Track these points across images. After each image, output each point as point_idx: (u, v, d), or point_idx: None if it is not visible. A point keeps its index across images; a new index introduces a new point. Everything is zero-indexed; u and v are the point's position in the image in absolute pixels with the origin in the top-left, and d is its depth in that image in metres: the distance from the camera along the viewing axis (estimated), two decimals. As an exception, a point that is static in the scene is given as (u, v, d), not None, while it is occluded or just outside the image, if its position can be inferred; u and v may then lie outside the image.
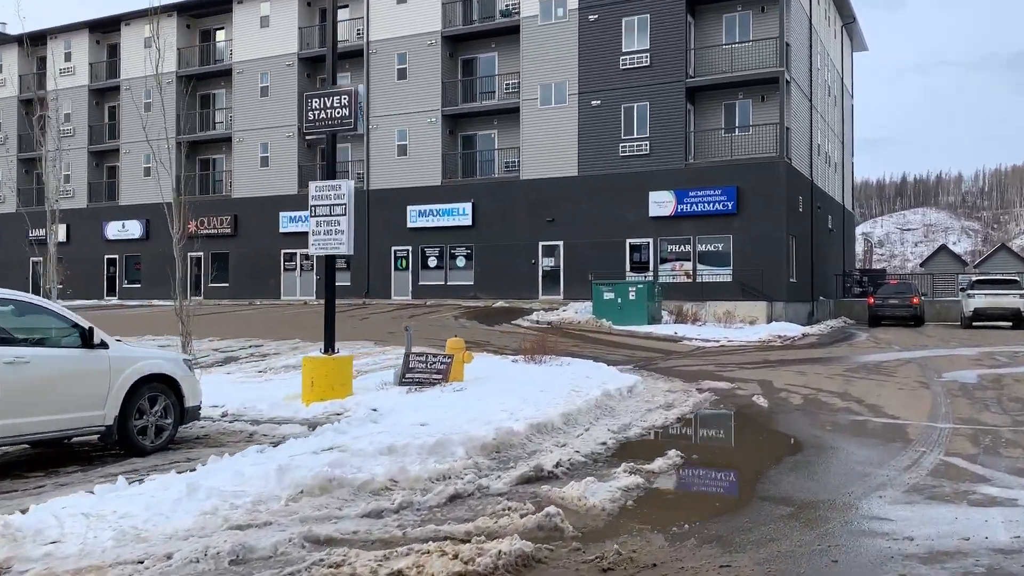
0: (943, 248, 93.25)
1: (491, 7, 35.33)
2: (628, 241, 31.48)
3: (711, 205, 30.04)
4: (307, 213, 34.88)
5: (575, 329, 24.69)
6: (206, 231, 39.81)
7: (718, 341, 22.66)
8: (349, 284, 36.65)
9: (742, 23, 31.13)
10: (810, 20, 34.02)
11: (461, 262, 34.73)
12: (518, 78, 33.84)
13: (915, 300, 32.29)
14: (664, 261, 31.09)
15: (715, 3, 31.20)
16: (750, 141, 30.78)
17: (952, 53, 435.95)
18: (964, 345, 21.69)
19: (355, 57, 37.38)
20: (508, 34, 34.36)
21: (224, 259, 40.03)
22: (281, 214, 38.26)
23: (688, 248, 30.66)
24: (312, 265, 37.71)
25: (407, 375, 10.93)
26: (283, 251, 38.47)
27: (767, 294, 28.81)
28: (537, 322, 25.51)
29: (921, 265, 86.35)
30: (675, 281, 30.61)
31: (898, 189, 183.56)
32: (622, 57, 31.55)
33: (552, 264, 32.94)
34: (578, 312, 26.77)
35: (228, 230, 39.59)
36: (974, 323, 30.23)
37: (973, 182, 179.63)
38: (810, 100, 33.98)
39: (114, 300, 42.22)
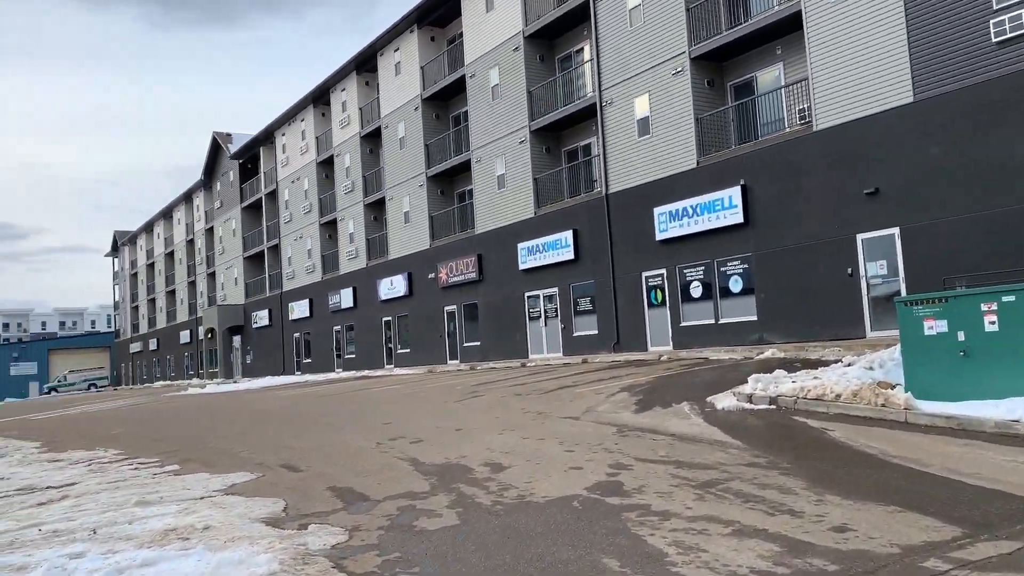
0: None
1: None
2: (1033, 208, 15.42)
3: None
4: (545, 240, 24.62)
5: (819, 414, 10.58)
6: (454, 278, 32.14)
7: None
8: (596, 332, 25.50)
9: None
10: None
11: (736, 284, 21.28)
12: (798, -35, 19.84)
13: None
14: (1124, 238, 14.38)
15: None
16: None
17: None
18: None
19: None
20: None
21: (474, 311, 31.60)
22: (519, 246, 28.62)
23: None
24: (556, 311, 27.26)
25: None
26: (526, 294, 28.68)
27: None
28: (750, 398, 11.76)
29: None
30: None
31: None
32: None
33: (883, 272, 17.96)
34: (874, 366, 12.27)
35: (474, 274, 31.11)
36: None
37: None
38: None
39: (390, 368, 36.49)
